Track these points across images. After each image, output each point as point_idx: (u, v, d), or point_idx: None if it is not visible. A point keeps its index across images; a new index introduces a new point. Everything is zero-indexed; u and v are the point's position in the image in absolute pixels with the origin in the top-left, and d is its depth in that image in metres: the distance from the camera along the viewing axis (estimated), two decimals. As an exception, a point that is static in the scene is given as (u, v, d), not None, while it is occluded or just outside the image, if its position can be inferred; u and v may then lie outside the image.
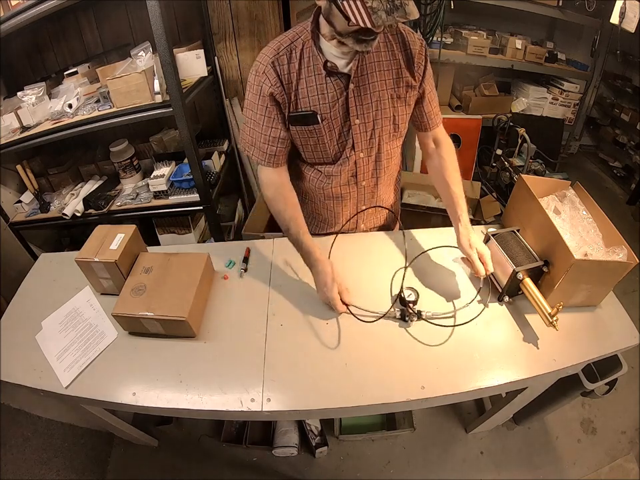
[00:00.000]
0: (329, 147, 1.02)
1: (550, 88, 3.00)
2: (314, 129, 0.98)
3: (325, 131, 0.99)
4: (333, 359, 0.90)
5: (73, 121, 1.57)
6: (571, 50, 2.98)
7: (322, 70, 0.92)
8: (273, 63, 0.92)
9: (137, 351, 0.96)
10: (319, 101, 0.95)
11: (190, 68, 1.71)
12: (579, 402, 1.68)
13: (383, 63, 0.95)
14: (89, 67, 1.84)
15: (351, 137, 1.01)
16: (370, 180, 1.11)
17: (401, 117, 1.02)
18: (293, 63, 0.93)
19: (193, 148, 1.60)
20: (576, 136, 3.27)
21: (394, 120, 1.02)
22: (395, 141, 1.08)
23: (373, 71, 0.94)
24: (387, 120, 1.01)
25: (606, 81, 3.07)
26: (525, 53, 2.77)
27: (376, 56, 0.94)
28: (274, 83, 0.93)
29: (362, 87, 0.95)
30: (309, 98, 0.95)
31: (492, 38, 2.83)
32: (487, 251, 1.00)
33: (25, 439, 1.68)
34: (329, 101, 0.95)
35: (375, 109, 0.98)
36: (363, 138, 1.01)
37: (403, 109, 1.02)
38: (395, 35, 0.96)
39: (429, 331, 0.95)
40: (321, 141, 1.01)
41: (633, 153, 2.90)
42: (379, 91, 0.96)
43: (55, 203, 1.85)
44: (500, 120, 2.58)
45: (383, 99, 0.98)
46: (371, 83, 0.95)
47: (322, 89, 0.94)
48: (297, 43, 0.93)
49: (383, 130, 1.02)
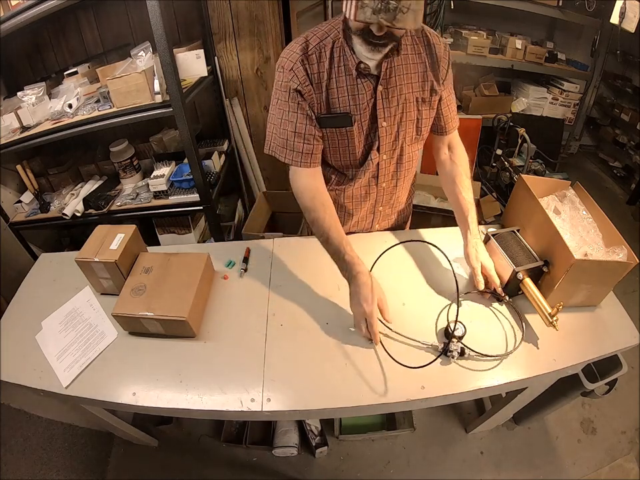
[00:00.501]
0: (357, 149, 1.01)
1: (550, 88, 3.00)
2: (346, 131, 0.96)
3: (356, 133, 0.97)
4: (333, 359, 0.90)
5: (72, 120, 1.57)
6: (570, 50, 2.98)
7: (352, 71, 0.90)
8: (302, 61, 0.89)
9: (137, 351, 0.96)
10: (350, 102, 0.93)
11: (190, 68, 1.71)
12: (579, 402, 1.68)
13: (410, 65, 0.95)
14: (89, 67, 1.84)
15: (377, 138, 1.00)
16: (390, 182, 1.11)
17: (424, 120, 1.02)
18: (323, 62, 0.90)
19: (193, 148, 1.60)
20: (576, 136, 3.27)
21: (417, 123, 1.02)
22: (416, 144, 1.08)
23: (401, 73, 0.94)
24: (411, 123, 1.01)
25: (606, 81, 3.07)
26: (525, 53, 2.77)
27: (404, 58, 0.94)
28: (303, 82, 0.90)
29: (390, 89, 0.94)
30: (340, 99, 0.92)
31: (492, 38, 2.83)
32: (491, 264, 0.99)
33: (25, 438, 1.68)
34: (359, 102, 0.93)
35: (400, 111, 0.98)
36: (387, 140, 1.01)
37: (427, 112, 1.02)
38: (421, 37, 0.95)
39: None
40: (351, 143, 0.99)
41: (633, 152, 2.90)
42: (405, 94, 0.96)
43: (55, 203, 1.85)
44: (500, 120, 2.58)
45: (409, 101, 0.97)
46: (398, 85, 0.94)
47: (353, 90, 0.92)
48: (327, 42, 0.90)
49: (406, 132, 1.02)
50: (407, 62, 0.95)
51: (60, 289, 1.13)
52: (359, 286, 0.88)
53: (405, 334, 0.92)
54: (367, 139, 1.00)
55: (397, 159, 1.07)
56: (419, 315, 0.99)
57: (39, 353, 0.97)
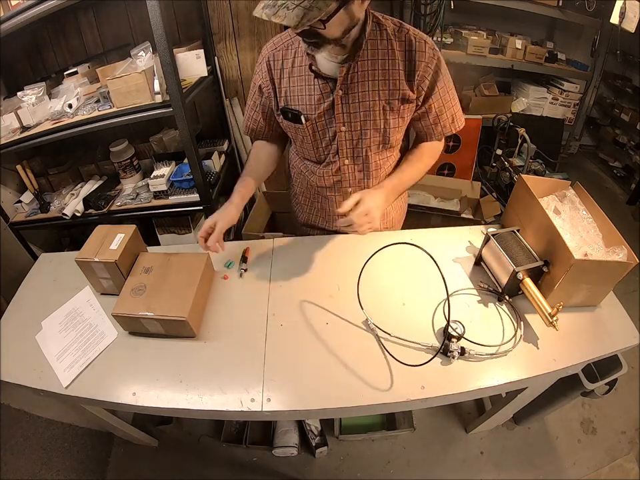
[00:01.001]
0: (313, 147, 1.04)
1: (550, 88, 3.00)
2: (298, 127, 1.02)
3: (309, 132, 1.01)
4: (333, 358, 0.90)
5: (73, 120, 1.57)
6: (570, 50, 2.98)
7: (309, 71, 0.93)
8: (268, 57, 0.98)
9: (137, 351, 0.96)
10: (305, 101, 0.97)
11: (190, 68, 1.71)
12: (579, 402, 1.68)
13: (379, 72, 0.92)
14: (89, 66, 1.84)
15: (336, 143, 1.00)
16: (357, 188, 1.10)
17: (393, 129, 1.00)
18: (287, 60, 0.96)
19: (193, 148, 1.60)
20: (576, 136, 3.27)
21: (384, 132, 1.00)
22: (384, 152, 1.06)
23: (365, 79, 0.92)
24: (375, 131, 0.99)
25: (606, 81, 3.07)
26: (525, 53, 2.76)
27: (371, 64, 0.92)
28: (264, 77, 1.00)
29: (351, 95, 0.93)
30: (297, 97, 0.97)
31: (492, 38, 2.83)
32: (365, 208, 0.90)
33: (25, 438, 1.68)
34: (314, 102, 0.96)
35: (363, 118, 0.96)
36: (348, 145, 1.01)
37: (396, 121, 0.99)
38: (403, 42, 0.92)
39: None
40: (306, 140, 1.03)
41: (633, 153, 2.90)
42: (369, 101, 0.94)
43: (55, 203, 1.85)
44: (500, 120, 2.57)
45: (374, 109, 0.95)
46: (361, 91, 0.93)
47: (309, 90, 0.95)
48: (296, 39, 0.94)
49: (371, 140, 1.01)
50: (376, 68, 0.92)
51: (60, 288, 1.13)
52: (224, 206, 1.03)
53: (405, 334, 0.92)
54: (325, 140, 1.02)
55: (362, 166, 1.06)
56: (419, 315, 0.99)
57: (39, 353, 0.97)
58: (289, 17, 0.70)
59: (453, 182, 2.43)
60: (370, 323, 0.94)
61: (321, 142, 1.03)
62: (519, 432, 1.62)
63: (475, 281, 1.06)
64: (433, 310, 1.00)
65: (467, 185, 2.34)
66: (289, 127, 1.04)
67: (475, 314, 0.99)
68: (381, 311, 0.98)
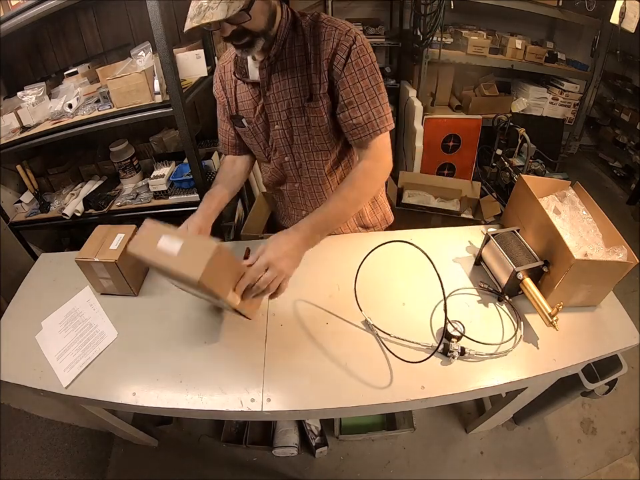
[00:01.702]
0: (259, 147, 1.09)
1: (550, 88, 3.00)
2: (244, 131, 1.08)
3: (251, 134, 1.06)
4: (333, 359, 0.90)
5: (73, 120, 1.57)
6: (570, 50, 2.98)
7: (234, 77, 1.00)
8: (219, 70, 1.06)
9: (137, 351, 0.96)
10: (244, 107, 1.02)
11: (190, 68, 1.71)
12: (579, 402, 1.68)
13: (297, 69, 0.91)
14: (89, 67, 1.84)
15: (272, 141, 1.05)
16: (302, 184, 1.13)
17: (314, 128, 0.97)
18: (230, 72, 1.03)
19: (193, 148, 1.60)
20: (576, 136, 3.26)
21: (309, 130, 0.98)
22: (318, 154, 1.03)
23: (286, 77, 0.93)
24: (302, 129, 0.99)
25: (606, 81, 3.07)
26: (525, 52, 2.76)
27: (289, 61, 0.91)
28: (217, 88, 1.08)
29: (275, 94, 0.96)
30: (240, 102, 1.03)
31: (492, 38, 2.83)
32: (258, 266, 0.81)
33: (25, 438, 1.68)
34: (251, 107, 1.01)
35: (288, 115, 0.98)
36: (284, 143, 1.04)
37: (315, 119, 0.95)
38: (315, 35, 0.88)
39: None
40: (252, 141, 1.09)
41: (633, 152, 2.90)
42: (290, 99, 0.95)
43: (55, 203, 1.85)
44: (500, 120, 2.57)
45: (295, 106, 0.95)
46: (282, 90, 0.95)
47: (246, 96, 1.01)
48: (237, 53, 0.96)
49: (300, 138, 1.02)
50: (293, 65, 0.91)
51: (60, 288, 1.13)
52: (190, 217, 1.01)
53: (405, 334, 0.92)
54: (268, 139, 1.07)
55: (301, 163, 1.08)
56: (419, 315, 0.99)
57: (39, 352, 0.97)
58: (216, 13, 0.72)
59: (453, 182, 2.43)
60: (369, 323, 0.94)
61: (265, 142, 1.07)
62: (518, 432, 1.62)
63: (475, 281, 1.06)
64: (433, 310, 1.00)
65: (467, 185, 2.34)
66: (240, 132, 1.10)
67: (474, 314, 0.99)
68: (381, 310, 0.98)
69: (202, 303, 1.05)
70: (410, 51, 2.70)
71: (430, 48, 2.52)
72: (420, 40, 2.50)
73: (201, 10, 0.73)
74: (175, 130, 2.00)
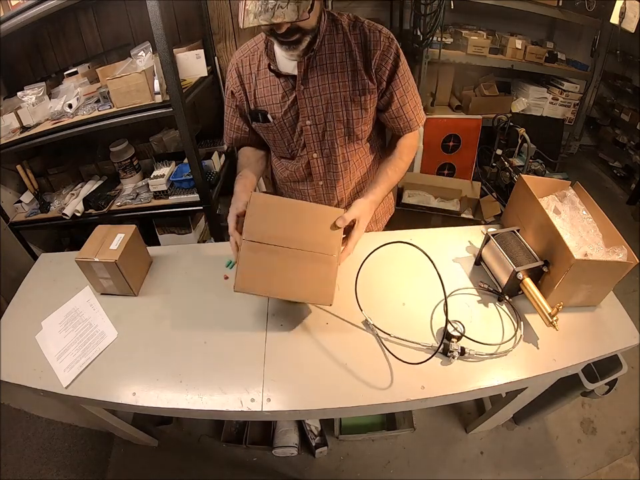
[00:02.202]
0: (283, 143, 1.08)
1: (550, 88, 2.99)
2: (267, 126, 1.05)
3: (278, 130, 1.04)
4: (332, 359, 0.90)
5: (73, 120, 1.57)
6: (570, 50, 2.98)
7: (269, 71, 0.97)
8: (237, 64, 1.02)
9: (137, 351, 0.96)
10: (270, 101, 1.00)
11: (190, 68, 1.71)
12: (578, 402, 1.68)
13: (337, 64, 0.94)
14: (89, 67, 1.84)
15: (303, 137, 1.03)
16: (327, 181, 1.13)
17: (356, 120, 1.01)
18: (254, 64, 1.00)
19: (193, 148, 1.60)
20: (576, 136, 3.26)
21: (348, 124, 1.01)
22: (351, 145, 1.07)
23: (325, 73, 0.94)
24: (339, 123, 1.01)
25: (606, 81, 3.07)
26: (525, 52, 2.76)
27: (329, 57, 0.94)
28: (234, 83, 1.04)
29: (312, 89, 0.96)
30: (264, 98, 1.01)
31: (492, 38, 2.83)
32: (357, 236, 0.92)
33: (25, 438, 1.68)
34: (279, 101, 0.99)
35: (325, 111, 0.98)
36: (314, 139, 1.03)
37: (358, 112, 1.00)
38: (358, 35, 0.94)
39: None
40: (276, 137, 1.07)
41: (633, 153, 2.90)
42: (329, 94, 0.96)
43: (55, 203, 1.85)
44: (500, 120, 2.57)
45: (335, 101, 0.97)
46: (321, 85, 0.95)
47: (274, 90, 0.99)
48: (260, 45, 0.98)
49: (336, 133, 1.02)
50: (334, 60, 0.94)
51: (60, 288, 1.13)
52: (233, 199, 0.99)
53: (405, 334, 0.92)
54: (294, 136, 1.05)
55: (329, 159, 1.07)
56: (419, 315, 0.99)
57: (39, 352, 0.97)
58: (288, 13, 0.73)
59: (453, 182, 2.43)
60: (370, 323, 0.94)
61: (290, 138, 1.06)
62: (519, 432, 1.62)
63: (475, 281, 1.06)
64: (433, 310, 1.00)
65: (467, 185, 2.35)
66: (260, 128, 1.07)
67: (474, 314, 0.99)
68: (381, 310, 0.98)
69: (202, 302, 1.06)
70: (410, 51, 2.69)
71: (430, 48, 2.52)
72: (420, 40, 2.50)
73: (267, 7, 0.72)
74: (175, 130, 2.00)
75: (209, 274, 1.14)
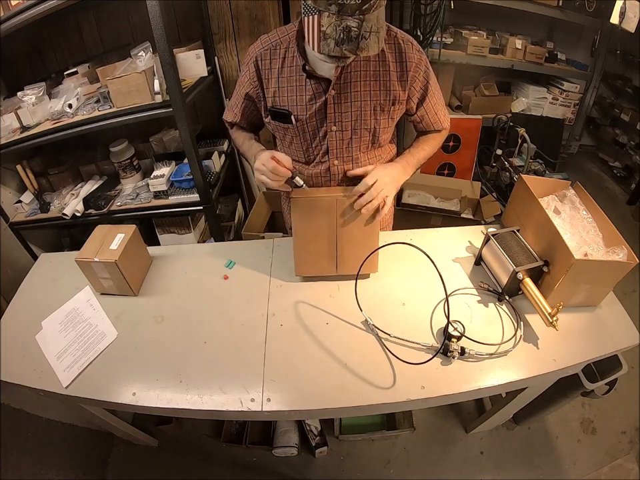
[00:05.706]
0: (302, 148, 1.04)
1: (550, 88, 3.00)
2: (288, 128, 1.01)
3: (299, 132, 1.01)
4: (333, 359, 0.90)
5: (73, 120, 1.57)
6: (570, 50, 2.98)
7: (302, 71, 0.93)
8: (256, 57, 0.97)
9: (137, 351, 0.96)
10: (295, 102, 0.96)
11: (190, 68, 1.71)
12: (578, 402, 1.68)
13: (371, 72, 0.94)
14: (89, 67, 1.83)
15: (326, 143, 1.01)
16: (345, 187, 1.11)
17: (382, 129, 1.02)
18: (276, 60, 0.95)
19: (193, 148, 1.60)
20: (576, 136, 3.26)
21: (374, 132, 1.01)
22: (373, 152, 1.07)
23: (358, 79, 0.93)
24: (366, 131, 1.00)
25: (606, 81, 3.07)
26: (524, 53, 2.76)
27: (364, 65, 0.93)
28: (251, 77, 0.99)
29: (343, 94, 0.94)
30: (287, 97, 0.96)
31: (492, 38, 2.83)
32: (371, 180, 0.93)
33: (25, 438, 1.68)
34: (305, 102, 0.95)
35: (354, 118, 0.97)
36: (338, 146, 1.01)
37: (385, 122, 1.01)
38: (392, 45, 0.93)
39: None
40: (295, 140, 1.03)
41: (633, 153, 2.90)
42: (361, 101, 0.95)
43: (55, 203, 1.85)
44: (500, 120, 2.57)
45: (365, 109, 0.96)
46: (353, 91, 0.94)
47: (300, 90, 0.95)
48: (284, 40, 0.94)
49: (361, 140, 1.01)
50: (368, 69, 0.93)
51: (60, 289, 1.13)
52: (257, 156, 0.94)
53: (405, 334, 0.92)
54: (315, 140, 1.02)
55: (351, 166, 1.06)
56: (419, 315, 0.99)
57: (39, 352, 0.97)
58: (371, 46, 0.73)
59: (453, 182, 2.43)
60: (370, 323, 0.94)
61: (311, 142, 1.03)
62: (519, 432, 1.62)
63: (475, 281, 1.06)
64: (433, 310, 1.00)
65: (467, 185, 2.34)
66: (277, 127, 1.03)
67: (475, 314, 0.99)
68: (381, 311, 0.98)
69: (202, 302, 1.06)
70: (410, 51, 2.69)
71: (430, 48, 2.52)
72: (420, 40, 2.50)
73: (351, 37, 0.70)
74: (175, 130, 2.00)
75: (208, 274, 1.14)
